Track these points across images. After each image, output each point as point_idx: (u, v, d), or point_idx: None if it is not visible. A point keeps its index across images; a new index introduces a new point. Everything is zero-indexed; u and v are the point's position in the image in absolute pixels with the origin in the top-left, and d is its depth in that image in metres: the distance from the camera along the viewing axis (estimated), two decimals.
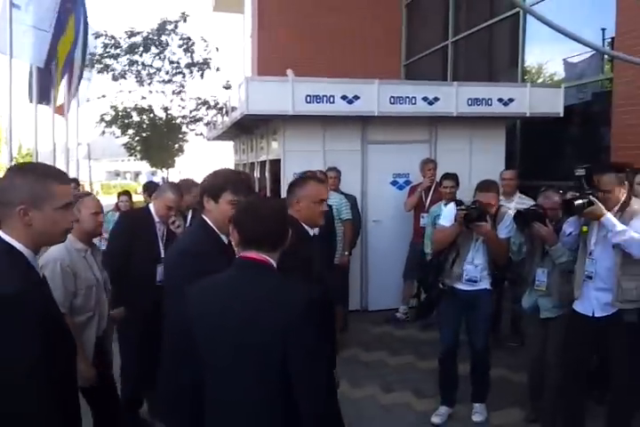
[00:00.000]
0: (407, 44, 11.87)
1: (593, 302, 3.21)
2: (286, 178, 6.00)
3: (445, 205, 5.05)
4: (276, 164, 6.69)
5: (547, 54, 8.18)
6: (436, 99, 6.34)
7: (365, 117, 6.26)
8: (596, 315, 3.20)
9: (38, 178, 1.59)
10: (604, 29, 6.68)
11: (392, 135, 6.50)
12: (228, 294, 1.66)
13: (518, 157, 7.84)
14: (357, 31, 11.09)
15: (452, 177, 5.31)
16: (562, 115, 6.66)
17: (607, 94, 6.50)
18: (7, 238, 1.58)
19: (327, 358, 1.63)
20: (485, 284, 3.77)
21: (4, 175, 1.65)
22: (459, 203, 3.78)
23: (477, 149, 6.65)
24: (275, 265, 1.71)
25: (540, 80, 8.40)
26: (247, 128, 7.88)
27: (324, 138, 6.30)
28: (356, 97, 6.09)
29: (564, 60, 7.86)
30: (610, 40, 6.50)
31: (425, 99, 6.32)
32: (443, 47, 10.55)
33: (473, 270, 3.72)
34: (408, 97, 6.26)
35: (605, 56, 6.70)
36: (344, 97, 6.05)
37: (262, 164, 7.84)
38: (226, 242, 2.28)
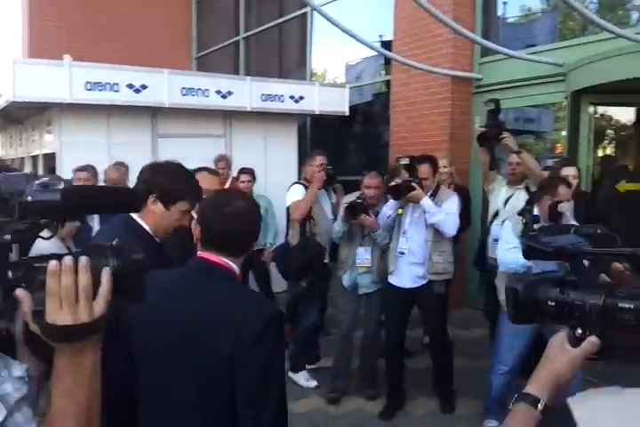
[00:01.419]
0: (198, 36, 11.55)
1: (406, 275, 3.60)
2: (63, 175, 5.34)
3: None
4: (51, 158, 5.93)
5: (333, 55, 8.60)
6: (230, 93, 6.25)
7: (155, 108, 5.89)
8: (408, 286, 3.60)
9: None
10: (384, 34, 7.23)
11: (185, 128, 6.22)
12: (180, 297, 1.47)
13: (309, 151, 8.11)
14: (146, 20, 10.45)
15: (249, 171, 5.23)
16: (347, 113, 7.03)
17: (387, 95, 7.03)
18: None
19: (282, 375, 1.44)
20: None
21: None
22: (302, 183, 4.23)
23: (272, 143, 6.70)
24: (237, 272, 1.52)
25: (327, 80, 8.80)
26: (16, 118, 6.91)
27: (109, 129, 5.76)
28: (144, 86, 5.71)
29: (349, 61, 8.35)
30: (389, 43, 7.03)
31: (218, 92, 6.18)
32: (235, 42, 10.48)
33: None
34: (201, 89, 6.07)
35: (386, 58, 7.24)
36: (130, 85, 5.62)
37: (34, 158, 6.93)
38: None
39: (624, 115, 6.09)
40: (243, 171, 5.25)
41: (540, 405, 0.91)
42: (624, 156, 6.18)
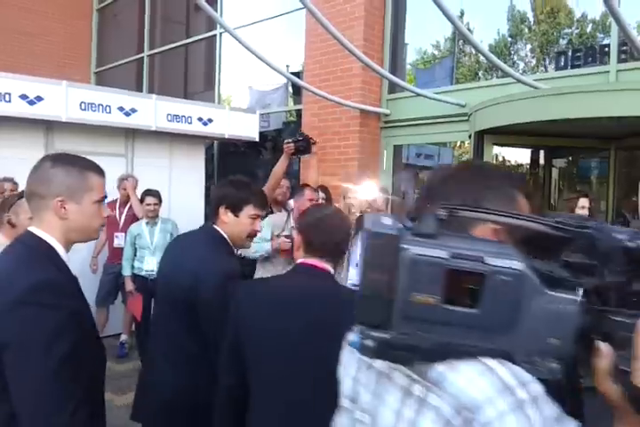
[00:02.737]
0: (99, 50, 11.03)
1: None
2: None
3: (147, 223, 4.75)
4: None
5: (241, 80, 8.55)
6: (134, 110, 5.94)
7: (50, 122, 5.47)
8: None
9: (78, 169, 1.54)
10: (295, 63, 7.31)
11: (83, 145, 5.78)
12: (296, 300, 1.66)
13: (216, 176, 7.93)
14: (42, 31, 9.82)
15: (155, 194, 4.97)
16: (257, 139, 6.95)
17: (297, 124, 7.06)
18: (39, 233, 1.49)
19: None
20: None
21: (38, 165, 1.56)
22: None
23: (178, 165, 6.43)
24: (333, 273, 1.77)
25: (233, 104, 8.71)
26: None
27: None
28: (39, 98, 5.28)
29: (257, 87, 8.33)
30: (300, 73, 7.10)
31: (121, 109, 5.85)
32: (138, 59, 10.11)
33: None
34: (102, 105, 5.71)
35: (295, 88, 7.30)
36: (24, 96, 5.17)
37: None
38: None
39: (522, 155, 6.57)
40: (148, 193, 4.97)
41: None
42: None
